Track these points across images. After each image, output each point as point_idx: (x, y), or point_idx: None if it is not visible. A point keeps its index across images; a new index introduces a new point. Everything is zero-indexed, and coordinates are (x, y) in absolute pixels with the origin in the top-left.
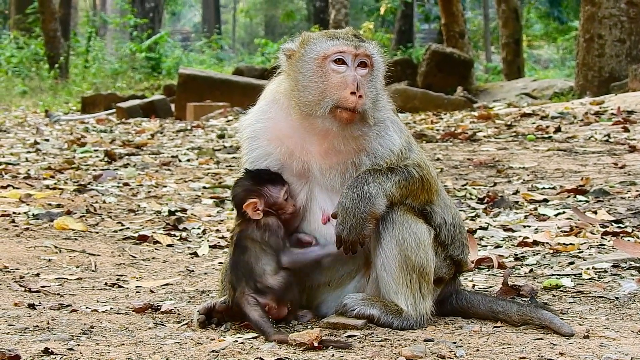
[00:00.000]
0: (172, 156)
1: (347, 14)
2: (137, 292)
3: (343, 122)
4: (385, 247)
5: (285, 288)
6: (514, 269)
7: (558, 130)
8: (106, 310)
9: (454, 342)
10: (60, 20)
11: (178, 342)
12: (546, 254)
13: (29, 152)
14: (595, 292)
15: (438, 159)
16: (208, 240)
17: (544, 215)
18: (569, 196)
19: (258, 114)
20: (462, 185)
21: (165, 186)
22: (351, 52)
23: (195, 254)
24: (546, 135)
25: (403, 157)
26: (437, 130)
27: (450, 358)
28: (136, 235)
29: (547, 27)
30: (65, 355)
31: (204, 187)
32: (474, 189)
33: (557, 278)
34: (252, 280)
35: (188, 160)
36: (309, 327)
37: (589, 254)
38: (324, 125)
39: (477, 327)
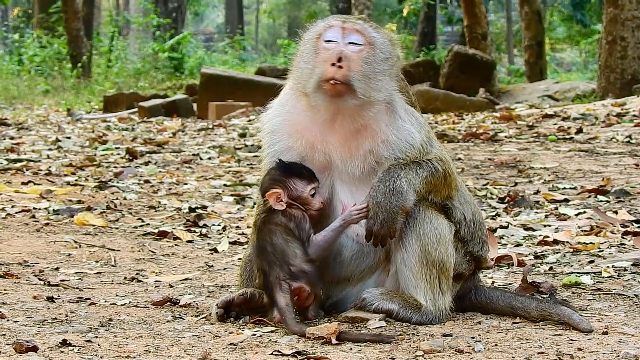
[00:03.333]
0: (194, 154)
1: (369, 15)
2: (156, 286)
3: (328, 94)
4: (406, 242)
5: (319, 274)
6: (533, 267)
7: (579, 131)
8: (125, 303)
9: (473, 337)
10: (83, 20)
11: (196, 335)
12: (566, 252)
13: (50, 149)
14: (614, 289)
15: (459, 158)
16: (228, 237)
17: (564, 214)
18: (589, 196)
19: (278, 108)
20: (483, 185)
21: (186, 183)
22: (338, 25)
23: (215, 250)
24: (568, 136)
25: (425, 152)
26: (459, 130)
27: (469, 353)
28: (156, 231)
29: (570, 30)
30: (83, 346)
31: (225, 185)
32: (495, 188)
33: (576, 276)
34: (286, 264)
35: (209, 158)
36: (328, 320)
37: (609, 253)
38: (316, 102)
39: (496, 323)
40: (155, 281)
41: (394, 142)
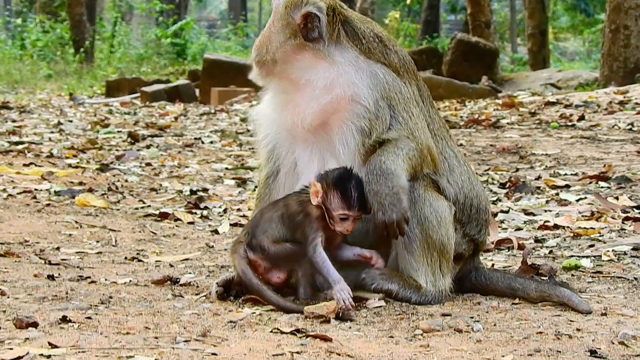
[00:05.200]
0: (195, 138)
1: (373, 2)
2: (156, 266)
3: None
4: (406, 227)
5: (282, 257)
6: (533, 250)
7: (582, 118)
8: (125, 282)
9: (472, 317)
10: (86, 5)
11: (196, 313)
12: (566, 237)
13: (52, 132)
14: (614, 272)
15: (461, 144)
16: (229, 219)
17: (565, 200)
18: (591, 182)
19: (264, 98)
20: (485, 171)
21: (187, 167)
22: None
23: (216, 232)
24: (570, 124)
25: (382, 119)
26: (461, 117)
27: (468, 332)
28: (157, 212)
29: (574, 19)
30: (83, 323)
31: (226, 168)
32: (496, 174)
33: (576, 259)
34: (252, 234)
35: (211, 142)
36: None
37: (610, 238)
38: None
39: (495, 304)
40: (156, 261)
41: (345, 97)
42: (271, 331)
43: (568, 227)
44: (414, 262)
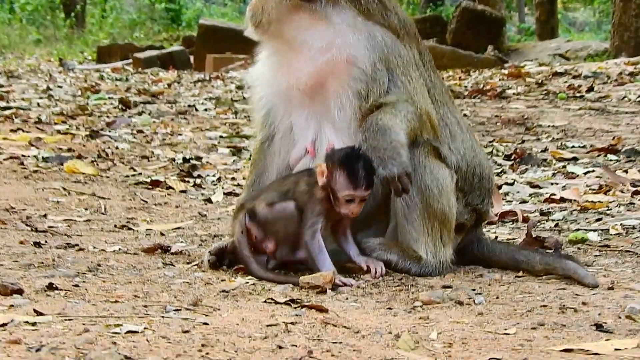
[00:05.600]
0: (189, 105)
1: None
2: (147, 234)
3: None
4: (406, 196)
5: (270, 222)
6: (539, 223)
7: (591, 89)
8: (114, 250)
9: (473, 290)
10: None
11: (187, 282)
12: (573, 210)
13: (41, 97)
14: (622, 246)
15: (465, 115)
16: (223, 188)
17: (572, 173)
18: (599, 155)
19: (259, 59)
20: (489, 142)
21: (180, 134)
22: None
23: (209, 201)
24: (578, 95)
25: (380, 84)
26: (465, 87)
27: (469, 304)
28: (148, 180)
29: None
30: (70, 290)
31: (221, 137)
32: (501, 145)
33: (583, 232)
34: (253, 201)
35: (205, 109)
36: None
37: (618, 212)
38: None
39: (498, 276)
40: (147, 229)
41: (336, 56)
42: (265, 301)
43: (575, 200)
44: (414, 232)
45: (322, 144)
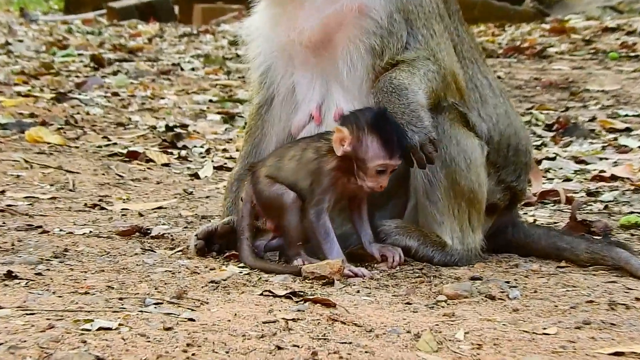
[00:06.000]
0: (173, 64)
1: None
2: (123, 215)
3: None
4: (429, 170)
5: (264, 198)
6: (585, 204)
7: None
8: (84, 233)
9: (507, 282)
10: None
11: (170, 271)
12: (625, 190)
13: None
14: None
15: (499, 77)
16: (212, 161)
17: (625, 146)
18: None
19: (257, 9)
20: (527, 109)
21: (163, 98)
22: None
23: (196, 176)
24: (632, 54)
25: (398, 39)
26: (499, 44)
27: (502, 300)
28: (125, 151)
29: None
30: (32, 280)
31: (210, 101)
32: (542, 113)
33: (637, 216)
34: (258, 161)
35: (192, 69)
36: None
37: None
38: None
39: (536, 266)
40: (122, 209)
41: (346, 5)
42: (261, 294)
43: (628, 178)
44: (438, 213)
45: (329, 109)
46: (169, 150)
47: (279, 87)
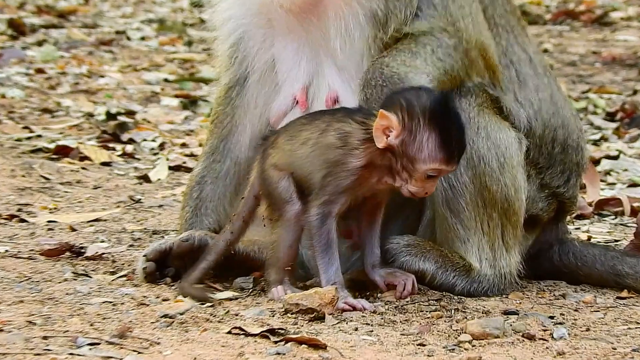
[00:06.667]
0: (117, 32)
1: None
2: (49, 228)
3: None
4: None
5: (264, 188)
6: None
7: None
8: None
9: (551, 317)
10: None
11: (110, 302)
12: None
13: None
14: None
15: (545, 50)
16: (168, 159)
17: None
18: None
19: None
20: (583, 92)
21: (103, 76)
22: None
23: (146, 179)
24: None
25: (406, 3)
26: (547, 6)
27: (544, 340)
28: (52, 146)
29: None
30: None
31: (166, 80)
32: (601, 98)
33: None
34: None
35: (142, 38)
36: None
37: None
38: None
39: (590, 297)
40: (49, 221)
41: None
42: (229, 332)
43: None
44: (461, 228)
45: (318, 92)
46: (110, 145)
47: (255, 62)
